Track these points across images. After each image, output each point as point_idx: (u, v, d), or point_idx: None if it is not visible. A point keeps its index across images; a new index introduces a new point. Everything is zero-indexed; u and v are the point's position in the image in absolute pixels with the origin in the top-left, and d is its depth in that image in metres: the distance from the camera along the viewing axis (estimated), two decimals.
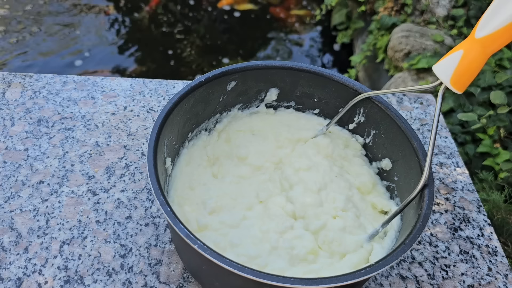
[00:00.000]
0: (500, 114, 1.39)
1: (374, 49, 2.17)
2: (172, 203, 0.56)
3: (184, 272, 0.59)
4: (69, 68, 2.19)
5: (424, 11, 2.12)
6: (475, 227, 0.69)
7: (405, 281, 0.61)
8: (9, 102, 0.78)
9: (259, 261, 0.51)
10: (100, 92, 0.81)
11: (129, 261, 0.59)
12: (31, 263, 0.57)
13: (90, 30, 2.40)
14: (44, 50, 2.26)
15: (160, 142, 0.52)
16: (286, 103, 0.68)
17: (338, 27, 2.57)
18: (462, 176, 0.76)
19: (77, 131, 0.74)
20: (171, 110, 0.54)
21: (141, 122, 0.77)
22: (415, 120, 0.85)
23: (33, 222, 0.62)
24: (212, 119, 0.64)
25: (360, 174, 0.63)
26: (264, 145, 0.65)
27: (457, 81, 0.46)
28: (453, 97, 1.54)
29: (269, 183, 0.61)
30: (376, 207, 0.61)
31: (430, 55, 1.82)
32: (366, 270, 0.43)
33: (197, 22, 2.54)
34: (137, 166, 0.70)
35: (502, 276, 0.63)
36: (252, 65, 0.61)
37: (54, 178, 0.67)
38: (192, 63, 2.32)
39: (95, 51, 2.30)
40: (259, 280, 0.41)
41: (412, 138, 0.56)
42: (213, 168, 0.62)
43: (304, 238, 0.54)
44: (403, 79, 1.83)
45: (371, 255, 0.53)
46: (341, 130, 0.67)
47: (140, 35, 2.46)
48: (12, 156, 0.69)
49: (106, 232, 0.62)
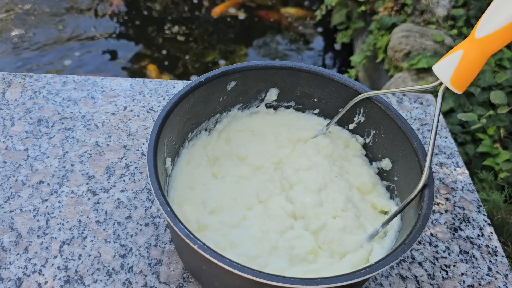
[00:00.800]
0: (500, 114, 1.39)
1: (374, 49, 2.17)
2: (172, 203, 0.56)
3: (184, 272, 0.59)
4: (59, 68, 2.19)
5: (424, 11, 2.12)
6: (475, 227, 0.69)
7: (405, 281, 0.61)
8: (9, 102, 0.78)
9: (259, 261, 0.51)
10: (100, 92, 0.81)
11: (129, 261, 0.59)
12: (31, 263, 0.57)
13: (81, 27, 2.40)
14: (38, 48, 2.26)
15: (160, 142, 0.52)
16: (286, 103, 0.68)
17: (338, 27, 2.57)
18: (462, 176, 0.76)
19: (77, 131, 0.74)
20: (171, 110, 0.54)
21: (141, 122, 0.77)
22: (415, 120, 0.85)
23: (33, 222, 0.62)
24: (212, 119, 0.64)
25: (360, 174, 0.63)
26: (264, 145, 0.65)
27: (457, 81, 0.46)
28: (453, 97, 1.54)
29: (269, 183, 0.61)
30: (376, 207, 0.61)
31: (430, 55, 1.82)
32: (366, 270, 0.43)
33: (195, 25, 2.54)
34: (137, 166, 0.70)
35: (502, 276, 0.63)
36: (252, 65, 0.61)
37: (54, 178, 0.67)
38: (188, 65, 2.32)
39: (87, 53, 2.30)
40: (259, 280, 0.41)
41: (412, 138, 0.56)
42: (213, 168, 0.62)
43: (304, 238, 0.54)
44: (403, 79, 1.83)
45: (371, 255, 0.53)
46: (341, 130, 0.67)
47: (140, 35, 2.46)
48: (12, 156, 0.70)
49: (106, 232, 0.62)
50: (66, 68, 2.20)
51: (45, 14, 2.46)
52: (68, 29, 2.40)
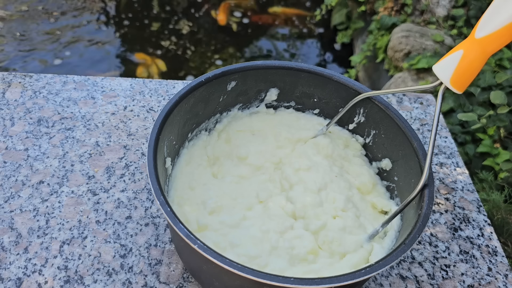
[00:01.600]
0: (500, 114, 1.39)
1: (374, 49, 2.17)
2: (172, 203, 0.56)
3: (184, 272, 0.59)
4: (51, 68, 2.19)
5: (424, 11, 2.12)
6: (475, 227, 0.69)
7: (405, 281, 0.61)
8: (9, 102, 0.78)
9: (259, 261, 0.51)
10: (100, 92, 0.81)
11: (129, 261, 0.59)
12: (31, 263, 0.57)
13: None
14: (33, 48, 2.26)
15: (160, 142, 0.52)
16: (286, 103, 0.68)
17: (338, 27, 2.57)
18: (462, 176, 0.76)
19: (77, 131, 0.74)
20: (171, 110, 0.54)
21: (141, 122, 0.77)
22: (415, 120, 0.85)
23: (33, 222, 0.62)
24: (212, 119, 0.64)
25: (360, 174, 0.63)
26: (264, 145, 0.65)
27: (457, 80, 0.46)
28: (453, 97, 1.54)
29: (269, 183, 0.61)
30: (376, 207, 0.61)
31: (430, 55, 1.82)
32: (366, 270, 0.43)
33: (195, 28, 2.54)
34: (137, 166, 0.70)
35: (502, 276, 0.63)
36: (252, 65, 0.61)
37: (54, 178, 0.67)
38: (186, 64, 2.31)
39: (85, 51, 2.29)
40: (259, 280, 0.41)
41: (412, 138, 0.56)
42: (213, 168, 0.62)
43: (304, 238, 0.54)
44: (403, 79, 1.83)
45: (371, 255, 0.53)
46: (341, 130, 0.67)
47: (139, 35, 2.46)
48: (12, 156, 0.69)
49: (106, 232, 0.62)
50: (57, 67, 2.20)
51: (39, 12, 2.46)
52: (62, 27, 2.40)
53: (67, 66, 2.21)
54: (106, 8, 2.57)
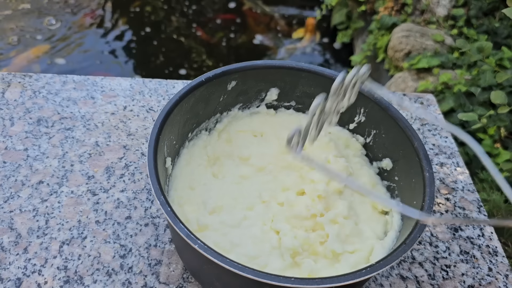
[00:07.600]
0: (500, 114, 1.39)
1: (374, 49, 2.16)
2: (172, 203, 0.56)
3: (184, 272, 0.58)
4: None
5: (424, 11, 2.12)
6: (475, 227, 0.69)
7: (406, 281, 0.61)
8: (8, 102, 0.77)
9: (259, 261, 0.51)
10: (99, 92, 0.81)
11: (128, 261, 0.59)
12: (30, 263, 0.57)
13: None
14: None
15: (160, 142, 0.52)
16: (287, 103, 0.68)
17: (338, 27, 2.56)
18: (463, 176, 0.76)
19: (76, 131, 0.74)
20: (171, 110, 0.54)
21: (141, 122, 0.77)
22: (415, 120, 0.85)
23: (32, 222, 0.62)
24: (212, 119, 0.64)
25: (360, 174, 0.63)
26: (264, 146, 0.65)
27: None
28: (453, 97, 1.54)
29: (269, 183, 0.61)
30: (376, 207, 0.61)
31: (430, 55, 1.82)
32: (366, 270, 0.43)
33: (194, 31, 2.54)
34: (137, 166, 0.70)
35: (502, 277, 0.63)
36: (252, 65, 0.61)
37: (54, 178, 0.67)
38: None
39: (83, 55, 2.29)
40: (259, 280, 0.41)
41: (412, 138, 0.55)
42: (214, 168, 0.62)
43: (304, 238, 0.54)
44: (403, 79, 1.83)
45: (371, 255, 0.53)
46: (341, 130, 0.66)
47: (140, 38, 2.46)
48: (12, 156, 0.69)
49: (105, 232, 0.62)
50: (57, 67, 2.20)
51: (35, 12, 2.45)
52: (58, 28, 2.39)
53: (67, 66, 2.21)
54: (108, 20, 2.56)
